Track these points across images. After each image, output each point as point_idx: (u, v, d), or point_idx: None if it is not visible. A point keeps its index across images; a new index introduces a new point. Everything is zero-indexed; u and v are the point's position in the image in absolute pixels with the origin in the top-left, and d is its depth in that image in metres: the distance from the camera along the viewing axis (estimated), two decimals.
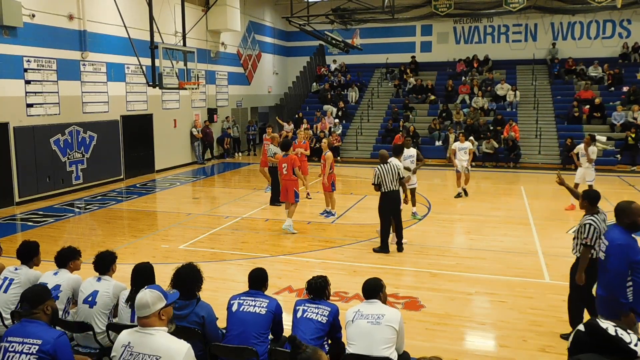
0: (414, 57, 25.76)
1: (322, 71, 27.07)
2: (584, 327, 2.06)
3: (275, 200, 12.06)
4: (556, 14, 23.78)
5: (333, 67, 27.19)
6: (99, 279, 4.56)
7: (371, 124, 22.77)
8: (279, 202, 11.37)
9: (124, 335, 3.18)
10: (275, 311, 4.23)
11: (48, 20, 13.33)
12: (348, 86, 25.11)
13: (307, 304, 4.25)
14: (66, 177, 14.12)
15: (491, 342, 5.75)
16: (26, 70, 12.80)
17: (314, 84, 26.41)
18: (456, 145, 13.15)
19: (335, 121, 22.41)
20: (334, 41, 20.89)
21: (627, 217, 4.31)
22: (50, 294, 3.67)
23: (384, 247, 8.69)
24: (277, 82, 27.62)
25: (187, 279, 4.05)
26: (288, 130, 20.37)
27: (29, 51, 12.83)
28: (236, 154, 22.36)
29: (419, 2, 23.09)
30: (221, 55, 21.61)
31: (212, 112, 20.96)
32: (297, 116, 23.20)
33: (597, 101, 20.16)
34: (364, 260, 8.35)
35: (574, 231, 5.66)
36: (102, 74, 15.27)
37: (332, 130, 21.40)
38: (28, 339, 3.30)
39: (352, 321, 4.02)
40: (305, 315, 4.18)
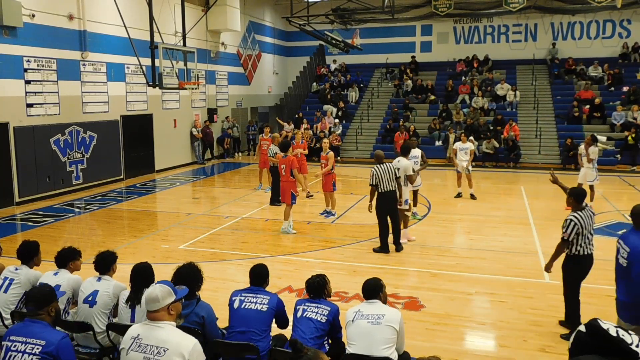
0: (414, 57, 25.75)
1: (322, 71, 27.05)
2: (584, 327, 2.05)
3: (275, 200, 12.06)
4: (556, 14, 23.75)
5: (333, 67, 27.17)
6: (99, 279, 4.57)
7: (371, 124, 22.77)
8: (279, 202, 11.37)
9: (134, 328, 3.24)
10: (276, 308, 4.27)
11: (48, 20, 13.33)
12: (348, 86, 25.10)
13: (307, 304, 4.27)
14: (66, 177, 14.12)
15: (491, 342, 5.75)
16: (26, 70, 12.80)
17: (314, 84, 26.40)
18: (457, 146, 13.10)
19: (335, 121, 22.41)
20: (334, 41, 20.87)
21: None
22: (56, 296, 3.68)
23: (383, 247, 8.68)
24: (277, 82, 27.61)
25: (187, 278, 4.07)
26: (288, 131, 20.37)
27: (29, 51, 12.83)
28: (236, 154, 22.36)
29: (419, 2, 23.05)
30: (221, 55, 21.61)
31: (212, 112, 20.96)
32: (297, 116, 23.20)
33: (597, 101, 20.16)
34: (363, 260, 8.35)
35: None
36: (102, 74, 15.27)
37: (332, 130, 21.39)
38: (32, 339, 3.30)
39: (352, 321, 4.03)
40: (305, 315, 4.19)
